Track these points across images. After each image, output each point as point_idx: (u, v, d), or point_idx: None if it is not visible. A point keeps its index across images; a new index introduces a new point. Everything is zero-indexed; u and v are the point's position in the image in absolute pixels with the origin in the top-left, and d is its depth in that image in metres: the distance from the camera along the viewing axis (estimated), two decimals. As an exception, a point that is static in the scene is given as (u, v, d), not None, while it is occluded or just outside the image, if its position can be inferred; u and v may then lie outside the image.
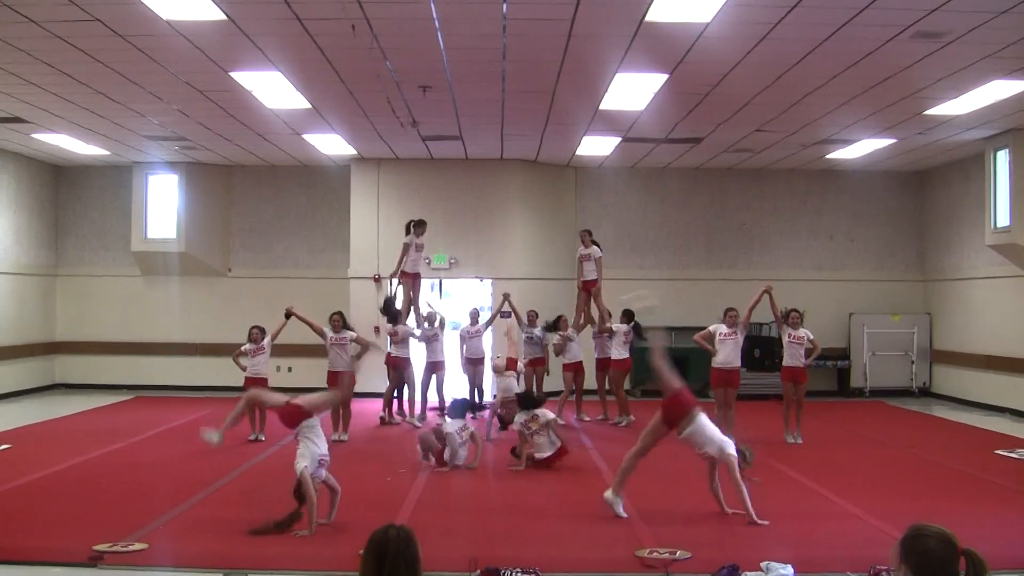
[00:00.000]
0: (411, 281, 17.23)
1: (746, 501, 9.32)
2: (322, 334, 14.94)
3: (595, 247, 17.39)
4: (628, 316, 16.98)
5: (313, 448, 9.28)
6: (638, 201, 22.16)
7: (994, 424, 17.20)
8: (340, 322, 15.13)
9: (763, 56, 12.03)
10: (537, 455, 12.51)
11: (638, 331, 16.73)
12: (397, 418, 17.01)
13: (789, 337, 15.04)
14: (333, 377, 14.92)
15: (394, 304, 17.07)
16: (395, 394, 17.15)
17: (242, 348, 15.22)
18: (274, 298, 21.24)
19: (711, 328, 15.00)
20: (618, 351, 16.83)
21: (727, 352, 14.84)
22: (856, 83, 13.42)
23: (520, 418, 12.61)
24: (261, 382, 14.94)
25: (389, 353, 16.93)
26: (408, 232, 17.10)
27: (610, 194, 22.11)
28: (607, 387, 17.46)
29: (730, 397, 14.83)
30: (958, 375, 20.43)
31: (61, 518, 9.62)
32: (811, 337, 15.13)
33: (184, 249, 21.30)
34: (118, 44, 11.60)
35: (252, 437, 14.82)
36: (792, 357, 15.02)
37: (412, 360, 16.89)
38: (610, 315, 17.21)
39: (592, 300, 17.39)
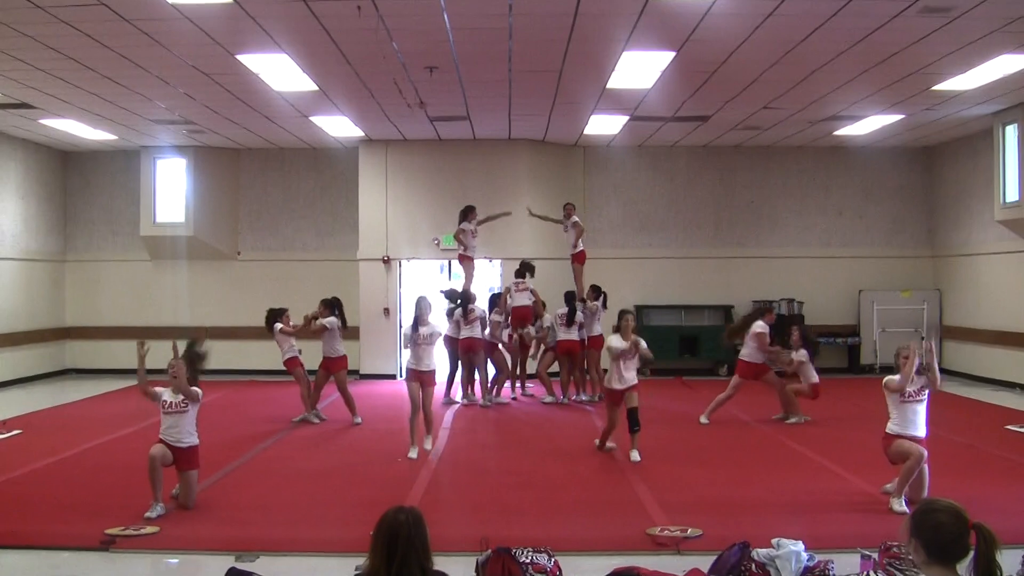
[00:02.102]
0: (470, 263, 17.56)
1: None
2: (323, 327, 14.97)
3: (573, 218, 17.59)
4: (595, 291, 17.12)
5: None
6: (646, 180, 22.11)
7: (1004, 400, 17.20)
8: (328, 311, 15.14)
9: (770, 32, 11.99)
10: (619, 386, 12.03)
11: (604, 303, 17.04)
12: (469, 399, 17.16)
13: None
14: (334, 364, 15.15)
15: (460, 290, 17.11)
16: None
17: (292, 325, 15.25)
18: (283, 281, 21.34)
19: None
20: (565, 332, 16.96)
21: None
22: (863, 59, 13.36)
23: (619, 344, 12.04)
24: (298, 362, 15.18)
25: (449, 336, 16.86)
26: (463, 219, 17.34)
27: (618, 173, 22.07)
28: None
29: (772, 381, 14.96)
30: (968, 351, 20.40)
31: (73, 503, 9.66)
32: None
33: (193, 233, 21.31)
34: (124, 28, 11.58)
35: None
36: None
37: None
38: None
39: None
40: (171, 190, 21.43)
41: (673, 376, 20.79)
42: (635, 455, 11.92)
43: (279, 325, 15.04)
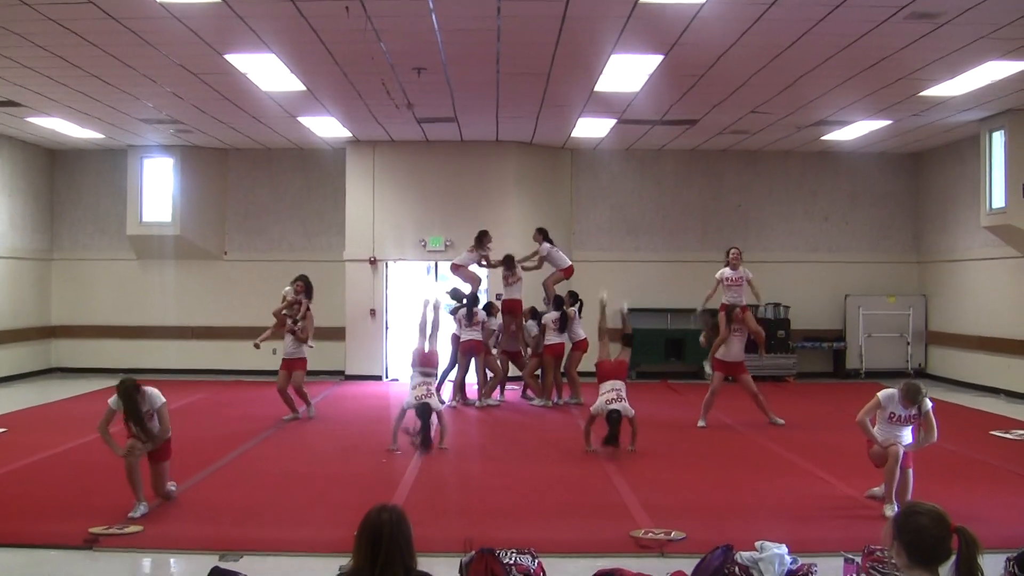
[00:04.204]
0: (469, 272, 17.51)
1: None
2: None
3: (544, 244, 17.45)
4: (572, 297, 17.35)
5: None
6: (633, 183, 22.14)
7: (989, 405, 17.23)
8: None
9: (758, 37, 12.02)
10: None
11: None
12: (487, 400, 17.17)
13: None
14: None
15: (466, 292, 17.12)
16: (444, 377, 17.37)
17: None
18: (270, 281, 21.25)
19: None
20: (557, 336, 16.97)
21: (735, 348, 14.82)
22: (851, 64, 13.40)
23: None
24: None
25: (453, 335, 17.01)
26: (483, 243, 17.34)
27: (606, 176, 22.09)
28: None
29: (748, 385, 14.80)
30: (953, 356, 20.46)
31: (57, 501, 9.63)
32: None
33: (179, 232, 21.27)
34: (112, 27, 11.56)
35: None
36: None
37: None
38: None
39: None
40: (158, 189, 21.41)
41: (658, 379, 20.82)
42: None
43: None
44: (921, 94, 15.29)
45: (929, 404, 9.38)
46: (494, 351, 17.24)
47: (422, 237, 20.78)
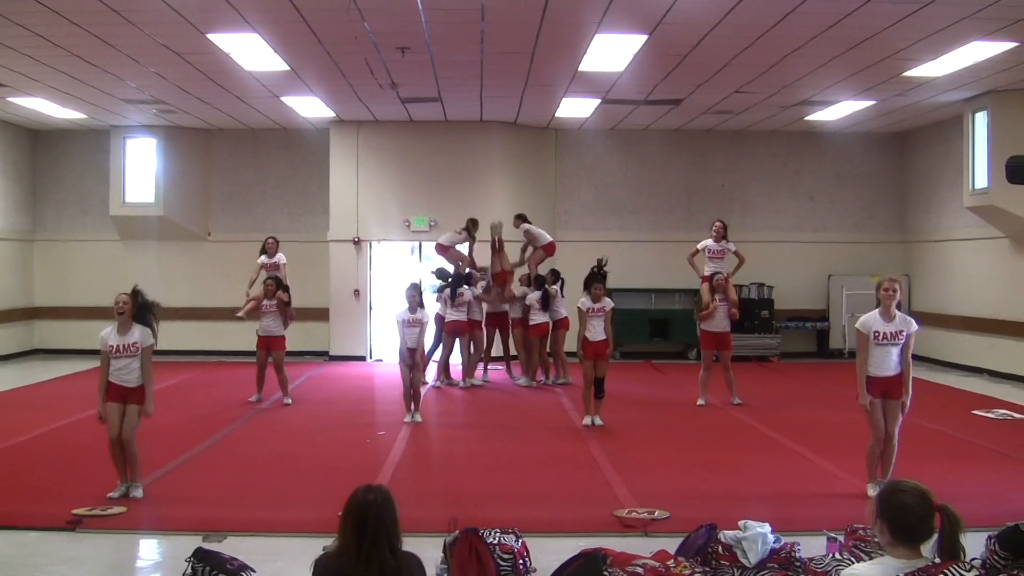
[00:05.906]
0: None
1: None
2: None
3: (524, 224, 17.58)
4: (554, 275, 17.38)
5: None
6: (618, 163, 22.12)
7: (971, 385, 17.32)
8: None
9: (742, 16, 11.98)
10: (592, 338, 13.01)
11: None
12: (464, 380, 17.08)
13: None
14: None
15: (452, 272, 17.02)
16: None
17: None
18: (254, 262, 21.24)
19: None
20: (541, 315, 16.94)
21: (719, 317, 14.82)
22: (835, 44, 13.39)
23: (588, 303, 13.11)
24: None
25: (438, 315, 16.85)
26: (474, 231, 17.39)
27: (590, 156, 22.06)
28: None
29: (724, 360, 14.82)
30: (936, 336, 20.47)
31: (40, 483, 9.63)
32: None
33: (163, 213, 21.16)
34: (93, 6, 11.46)
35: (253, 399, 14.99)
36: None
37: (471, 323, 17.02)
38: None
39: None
40: (141, 170, 21.27)
41: (643, 359, 20.85)
42: (597, 420, 12.96)
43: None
44: (905, 74, 15.28)
45: (915, 325, 9.43)
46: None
47: (406, 217, 20.74)
